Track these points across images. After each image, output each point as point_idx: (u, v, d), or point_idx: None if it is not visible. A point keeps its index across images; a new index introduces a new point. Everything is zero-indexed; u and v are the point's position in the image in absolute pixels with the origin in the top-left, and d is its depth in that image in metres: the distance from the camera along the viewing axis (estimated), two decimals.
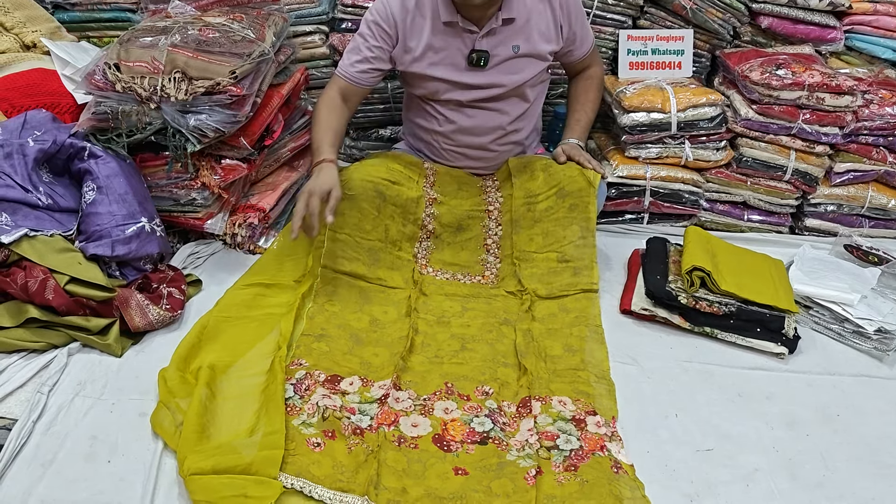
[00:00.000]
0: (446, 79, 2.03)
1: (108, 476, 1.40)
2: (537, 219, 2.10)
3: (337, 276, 1.98)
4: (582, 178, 2.05)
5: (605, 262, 2.22)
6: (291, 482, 1.37)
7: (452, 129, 2.13)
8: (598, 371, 1.75)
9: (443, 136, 2.16)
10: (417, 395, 1.65)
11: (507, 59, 2.02)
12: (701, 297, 1.91)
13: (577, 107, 2.23)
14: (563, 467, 1.48)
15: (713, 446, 1.57)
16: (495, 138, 2.14)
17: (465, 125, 2.11)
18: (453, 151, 2.18)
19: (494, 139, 2.14)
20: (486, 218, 2.15)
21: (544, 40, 2.04)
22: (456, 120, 2.11)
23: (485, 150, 2.17)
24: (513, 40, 2.00)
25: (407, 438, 1.53)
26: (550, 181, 2.09)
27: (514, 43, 2.00)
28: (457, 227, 2.15)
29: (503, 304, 1.98)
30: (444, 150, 2.19)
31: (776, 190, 2.44)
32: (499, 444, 1.53)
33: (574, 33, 2.09)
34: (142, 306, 1.78)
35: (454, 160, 2.21)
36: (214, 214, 2.10)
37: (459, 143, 2.16)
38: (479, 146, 2.15)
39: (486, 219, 2.15)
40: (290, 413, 1.55)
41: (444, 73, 2.03)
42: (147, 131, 1.93)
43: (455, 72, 2.03)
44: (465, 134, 2.13)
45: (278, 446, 1.41)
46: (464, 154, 2.18)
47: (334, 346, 1.76)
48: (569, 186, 2.06)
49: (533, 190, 2.11)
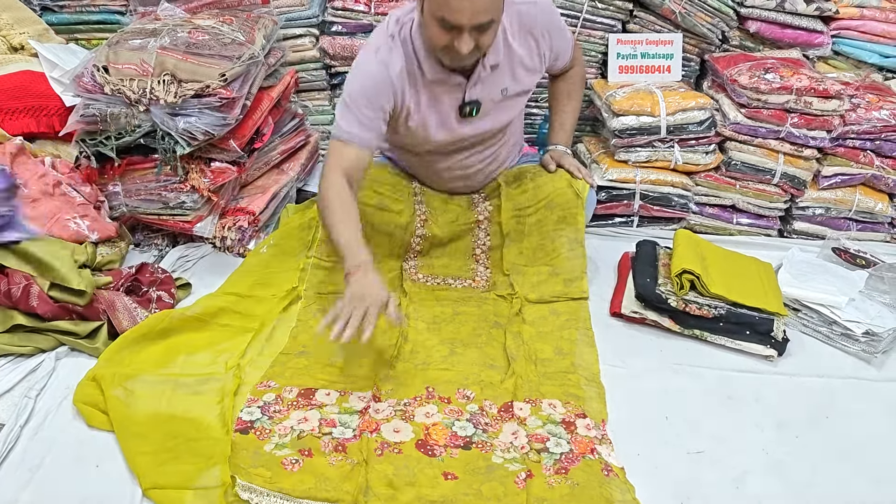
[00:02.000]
0: (440, 134, 1.93)
1: (96, 480, 1.39)
2: (527, 232, 2.10)
3: (321, 296, 1.96)
4: (570, 189, 2.05)
5: (594, 265, 2.22)
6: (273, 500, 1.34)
7: (437, 167, 2.08)
8: (588, 374, 1.75)
9: (426, 169, 2.11)
10: (398, 400, 1.64)
11: (496, 104, 1.92)
12: (690, 300, 1.91)
13: (560, 108, 2.17)
14: (553, 470, 1.47)
15: (703, 448, 1.57)
16: (480, 168, 2.10)
17: (449, 164, 2.06)
18: (437, 179, 2.13)
19: (479, 169, 2.10)
20: (476, 227, 2.15)
21: (530, 74, 1.93)
22: (440, 161, 2.05)
23: (470, 179, 2.13)
24: (500, 84, 1.90)
25: (390, 444, 1.51)
26: (539, 193, 2.08)
27: (501, 87, 1.90)
28: (447, 241, 2.13)
29: (494, 308, 1.98)
30: (428, 179, 2.15)
31: (765, 193, 2.45)
32: (482, 447, 1.52)
33: (557, 51, 1.99)
34: (129, 310, 1.77)
35: (439, 185, 2.16)
36: (204, 217, 2.09)
37: (443, 175, 2.11)
38: (464, 176, 2.11)
39: (476, 228, 2.15)
40: (259, 438, 1.50)
41: (438, 130, 1.92)
42: (136, 134, 1.92)
43: (447, 125, 1.91)
44: (449, 169, 2.08)
45: None
46: (449, 181, 2.13)
47: (314, 360, 1.74)
48: (557, 199, 2.06)
49: (522, 203, 2.10)
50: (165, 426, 1.48)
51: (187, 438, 1.46)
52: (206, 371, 1.65)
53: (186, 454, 1.43)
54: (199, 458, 1.42)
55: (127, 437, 1.46)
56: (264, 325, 1.84)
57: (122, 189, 2.04)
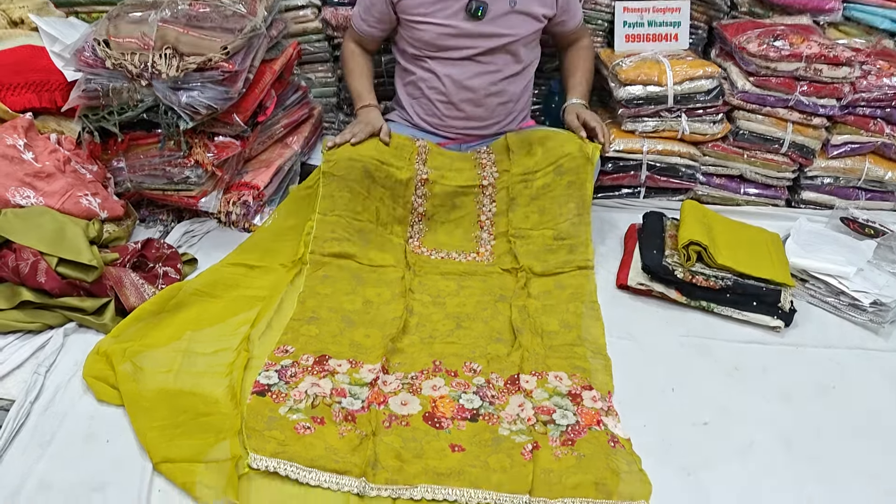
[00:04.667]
0: (444, 23, 2.07)
1: (108, 455, 1.41)
2: (534, 195, 2.10)
3: (327, 259, 1.97)
4: (580, 154, 2.05)
5: (601, 236, 2.22)
6: (285, 468, 1.36)
7: (447, 83, 2.15)
8: (595, 346, 1.76)
9: (437, 91, 2.18)
10: (405, 373, 1.65)
11: (503, 14, 2.08)
12: (697, 272, 1.91)
13: (574, 73, 2.32)
14: (559, 442, 1.49)
15: (710, 420, 1.58)
16: (488, 94, 2.17)
17: (459, 78, 2.14)
18: (448, 104, 2.19)
19: (487, 95, 2.17)
20: (480, 193, 2.15)
21: (540, 4, 2.12)
22: (450, 73, 2.14)
23: (479, 107, 2.20)
24: None
25: (398, 416, 1.53)
26: (549, 157, 2.08)
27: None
28: (450, 206, 2.14)
29: (499, 282, 1.98)
30: (439, 108, 2.20)
31: (773, 163, 2.43)
32: (489, 419, 1.54)
33: (568, 2, 2.20)
34: (136, 286, 1.77)
35: (449, 119, 2.22)
36: (208, 192, 2.09)
37: (454, 99, 2.17)
38: (473, 101, 2.18)
39: (480, 194, 2.15)
40: (275, 401, 1.53)
41: (443, 20, 2.07)
42: (138, 109, 1.91)
43: (453, 20, 2.07)
44: (459, 88, 2.15)
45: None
46: (459, 109, 2.19)
47: (324, 329, 1.76)
48: (568, 164, 2.06)
49: (530, 167, 2.11)
50: (174, 401, 1.50)
51: (196, 413, 1.47)
52: (214, 346, 1.66)
53: (196, 429, 1.44)
54: (208, 432, 1.43)
55: (137, 412, 1.47)
56: (273, 296, 1.84)
57: (126, 165, 2.04)
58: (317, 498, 1.34)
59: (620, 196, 2.47)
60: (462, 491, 1.36)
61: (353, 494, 1.34)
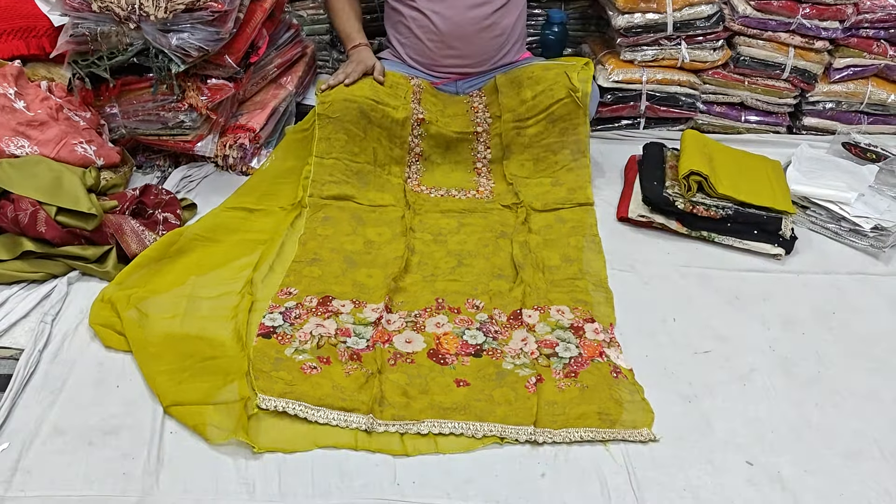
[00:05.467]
0: None
1: (119, 400, 1.43)
2: (527, 144, 2.09)
3: (327, 202, 1.96)
4: (571, 101, 2.02)
5: (600, 169, 2.21)
6: (293, 407, 1.38)
7: (436, 21, 2.09)
8: (596, 280, 1.77)
9: (426, 30, 2.12)
10: (408, 312, 1.66)
11: None
12: (698, 202, 1.90)
13: None
14: (563, 374, 1.51)
15: (710, 348, 1.60)
16: (480, 29, 2.11)
17: (448, 14, 2.08)
18: (439, 43, 2.13)
19: (479, 30, 2.11)
20: (475, 140, 2.13)
21: None
22: (438, 10, 2.08)
23: (469, 43, 2.13)
24: None
25: (403, 354, 1.55)
26: (538, 105, 2.06)
27: None
28: (445, 146, 2.12)
29: (500, 218, 1.98)
30: (430, 48, 2.15)
31: (774, 89, 2.39)
32: (492, 354, 1.55)
33: None
34: (137, 233, 1.77)
35: (442, 58, 2.17)
36: (204, 136, 2.07)
37: (444, 37, 2.11)
38: (464, 37, 2.12)
39: (475, 141, 2.13)
40: (281, 342, 1.54)
41: None
42: (128, 53, 1.88)
43: None
44: (448, 25, 2.09)
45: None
46: (450, 47, 2.14)
47: (327, 270, 1.76)
48: (558, 111, 2.04)
49: (521, 114, 2.08)
50: (181, 346, 1.51)
51: (203, 357, 1.49)
52: (218, 290, 1.67)
53: (203, 372, 1.46)
54: (216, 375, 1.45)
55: (144, 358, 1.49)
56: (274, 238, 1.84)
57: (120, 111, 2.01)
58: (326, 435, 1.36)
59: (620, 128, 2.45)
60: (468, 424, 1.38)
61: (362, 431, 1.37)
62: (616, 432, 1.38)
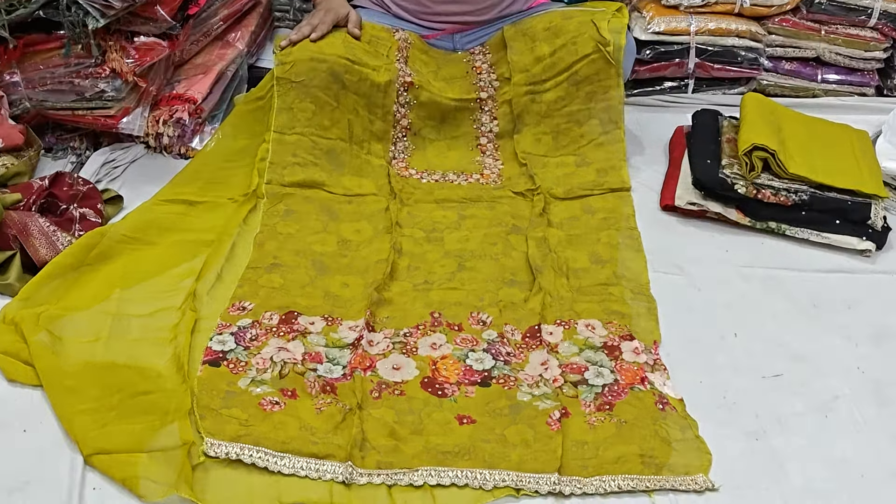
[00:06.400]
0: None
1: (26, 448, 1.41)
2: (545, 113, 2.10)
3: (289, 190, 1.97)
4: (600, 56, 2.03)
5: (639, 145, 2.21)
6: (250, 454, 1.37)
7: None
8: (635, 285, 1.77)
9: None
10: (396, 330, 1.66)
11: None
12: (764, 185, 1.91)
13: None
14: (594, 406, 1.51)
15: (782, 371, 1.60)
16: None
17: None
18: None
19: None
20: (478, 110, 2.13)
21: None
22: None
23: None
24: None
25: (389, 384, 1.54)
26: (559, 63, 2.06)
27: None
28: (440, 118, 2.13)
29: (510, 208, 1.98)
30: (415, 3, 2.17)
31: (859, 40, 2.41)
32: (504, 382, 1.55)
33: None
34: (47, 234, 1.77)
35: (434, 4, 2.18)
36: (131, 110, 2.07)
37: None
38: None
39: (478, 111, 2.14)
40: (233, 371, 1.54)
41: None
42: (32, 5, 1.88)
43: None
44: None
45: None
46: None
47: (290, 279, 1.76)
48: (583, 70, 2.05)
49: (536, 74, 2.09)
50: (106, 377, 1.51)
51: (135, 391, 1.48)
52: (151, 305, 1.67)
53: (135, 410, 1.45)
54: (151, 414, 1.44)
55: (58, 393, 1.48)
56: (222, 239, 1.85)
57: (23, 79, 2.01)
58: (292, 489, 1.36)
59: (663, 92, 2.46)
60: (474, 473, 1.38)
61: (338, 483, 1.36)
62: (664, 479, 1.38)
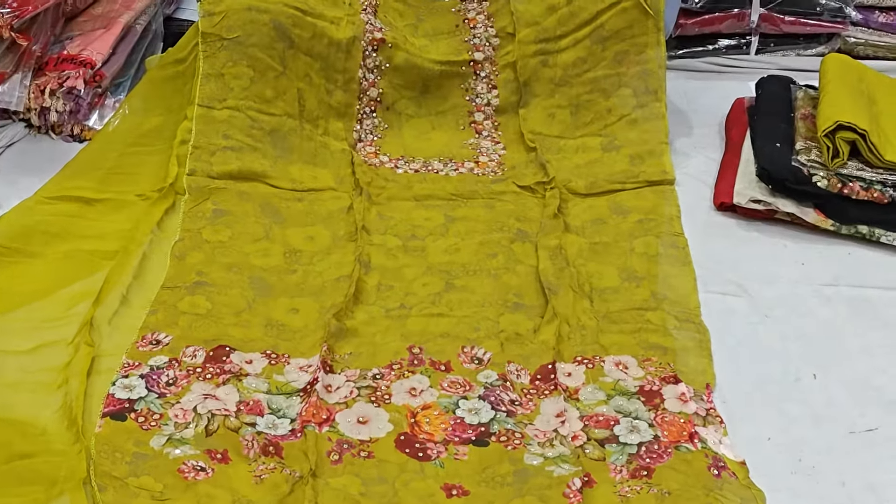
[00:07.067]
0: None
1: None
2: (560, 80, 2.12)
3: (219, 183, 1.98)
4: (634, 6, 2.05)
5: (685, 123, 2.22)
6: None
7: None
8: (681, 310, 1.78)
9: None
10: (362, 370, 1.66)
11: None
12: (852, 176, 1.91)
13: None
14: (627, 472, 1.50)
15: (877, 424, 1.60)
16: None
17: None
18: None
19: None
20: (471, 76, 2.14)
21: None
22: None
23: None
24: None
25: (353, 442, 1.54)
26: (579, 14, 2.09)
27: None
28: (421, 87, 2.14)
29: (515, 207, 1.99)
30: None
31: None
32: (507, 440, 1.55)
33: None
34: None
35: None
36: (7, 77, 2.07)
37: None
38: None
39: (471, 77, 2.14)
40: (144, 427, 1.53)
41: None
42: None
43: None
44: None
45: None
46: None
47: (220, 302, 1.77)
48: (611, 22, 2.07)
49: (549, 28, 2.11)
50: None
51: (12, 454, 1.48)
52: (33, 338, 1.67)
53: (13, 480, 1.45)
54: (33, 484, 1.44)
55: None
56: (129, 249, 1.85)
57: None
58: None
59: (717, 52, 2.48)
60: None
61: None
62: None
